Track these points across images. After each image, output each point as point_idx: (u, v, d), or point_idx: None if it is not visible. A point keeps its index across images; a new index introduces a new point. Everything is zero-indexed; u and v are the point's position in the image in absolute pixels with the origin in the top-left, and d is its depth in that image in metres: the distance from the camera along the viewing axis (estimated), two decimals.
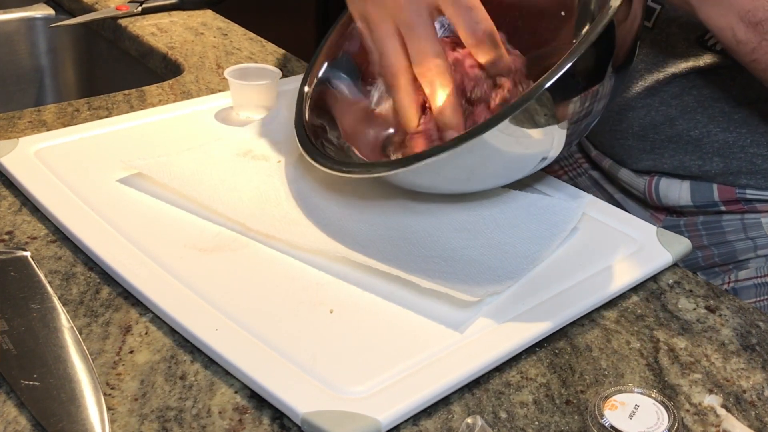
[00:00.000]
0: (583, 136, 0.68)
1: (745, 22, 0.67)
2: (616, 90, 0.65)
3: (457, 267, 0.63)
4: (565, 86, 0.59)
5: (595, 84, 0.62)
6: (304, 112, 0.73)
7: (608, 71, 0.62)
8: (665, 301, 0.64)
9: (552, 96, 0.58)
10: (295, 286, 0.61)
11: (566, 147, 0.65)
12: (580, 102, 0.61)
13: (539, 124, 0.60)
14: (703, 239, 0.87)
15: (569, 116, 0.61)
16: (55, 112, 0.88)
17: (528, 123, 0.59)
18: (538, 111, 0.59)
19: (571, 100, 0.60)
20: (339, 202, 0.71)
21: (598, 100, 0.63)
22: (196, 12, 1.23)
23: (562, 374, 0.56)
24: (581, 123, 0.64)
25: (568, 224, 0.69)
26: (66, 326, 0.57)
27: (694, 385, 0.56)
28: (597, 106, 0.63)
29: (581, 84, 0.60)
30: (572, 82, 0.59)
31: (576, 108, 0.61)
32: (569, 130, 0.63)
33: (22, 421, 0.50)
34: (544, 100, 0.58)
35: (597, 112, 0.64)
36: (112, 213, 0.68)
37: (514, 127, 0.58)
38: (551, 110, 0.59)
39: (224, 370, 0.55)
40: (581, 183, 0.97)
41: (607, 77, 0.62)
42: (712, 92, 0.81)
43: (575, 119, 0.62)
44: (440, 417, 0.52)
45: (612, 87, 0.64)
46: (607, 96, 0.64)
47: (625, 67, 0.65)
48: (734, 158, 0.83)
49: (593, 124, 0.67)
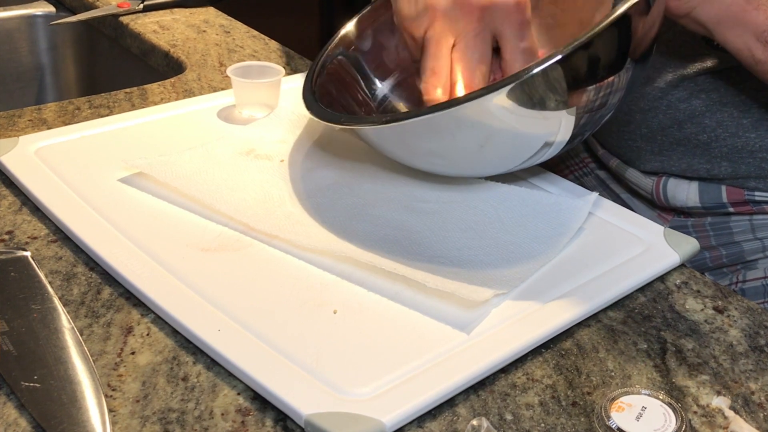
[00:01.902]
0: (595, 129, 0.68)
1: (762, 42, 0.68)
2: (632, 84, 0.65)
3: (462, 267, 0.62)
4: (573, 69, 0.59)
5: (610, 74, 0.61)
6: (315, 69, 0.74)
7: (626, 62, 0.62)
8: (673, 302, 0.64)
9: (560, 76, 0.58)
10: (298, 286, 0.61)
11: (576, 138, 0.64)
12: (594, 90, 0.61)
13: (547, 106, 0.60)
14: (711, 240, 0.86)
15: (579, 102, 0.61)
16: (55, 110, 0.88)
17: (534, 101, 0.59)
18: (546, 91, 0.58)
19: (582, 85, 0.60)
20: (343, 202, 0.70)
21: (613, 92, 0.63)
22: (199, 9, 1.22)
23: (569, 375, 0.56)
24: (594, 114, 0.63)
25: (574, 224, 0.68)
26: (67, 327, 0.56)
27: (701, 387, 0.56)
28: (612, 98, 0.63)
29: (592, 70, 0.60)
30: (582, 66, 0.59)
31: (589, 96, 0.61)
32: (579, 117, 0.62)
33: (23, 423, 0.50)
34: (550, 78, 0.57)
35: (611, 104, 0.64)
36: (114, 212, 0.67)
37: (514, 102, 0.58)
38: (561, 93, 0.59)
39: (227, 372, 0.54)
40: (587, 183, 0.97)
41: (624, 69, 0.62)
42: (721, 97, 0.81)
43: (586, 107, 0.62)
44: (445, 419, 0.52)
45: (628, 80, 0.63)
46: (622, 89, 0.63)
47: (642, 61, 0.65)
48: (743, 162, 0.83)
49: (606, 117, 0.66)
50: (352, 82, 0.77)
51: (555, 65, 0.57)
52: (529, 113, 0.60)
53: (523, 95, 0.58)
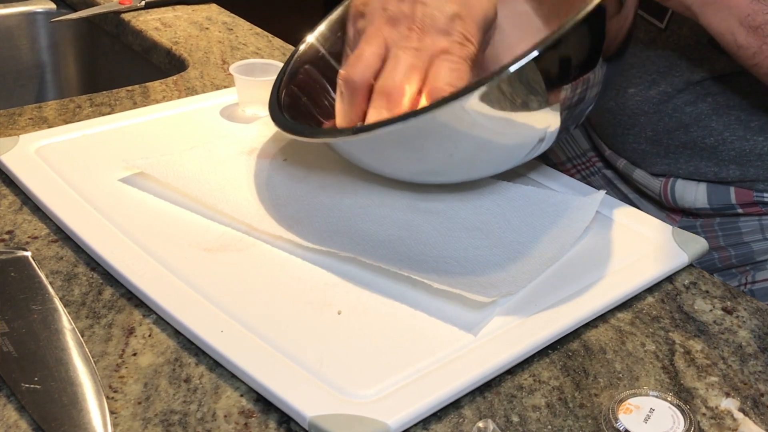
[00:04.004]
0: (578, 123, 0.67)
1: (745, 27, 0.68)
2: (608, 80, 0.65)
3: (469, 267, 0.62)
4: (547, 68, 0.58)
5: (585, 69, 0.61)
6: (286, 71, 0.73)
7: (598, 58, 0.62)
8: (681, 302, 0.63)
9: (536, 74, 0.57)
10: (302, 287, 0.60)
11: (561, 132, 0.64)
12: (570, 88, 0.61)
13: (529, 106, 0.59)
14: (720, 240, 0.86)
15: (560, 99, 0.61)
16: (56, 108, 0.87)
17: (508, 100, 0.58)
18: (520, 87, 0.58)
19: (559, 83, 0.60)
20: (347, 202, 0.70)
21: (590, 87, 0.62)
22: (201, 6, 1.22)
23: (576, 377, 0.55)
24: (573, 110, 0.63)
25: (581, 223, 0.68)
26: (68, 328, 0.56)
27: (710, 388, 0.55)
28: (589, 93, 0.63)
29: (566, 68, 0.60)
30: (556, 64, 0.59)
31: (566, 93, 0.61)
32: (562, 114, 0.62)
33: (23, 425, 0.49)
34: (525, 75, 0.57)
35: (590, 99, 0.64)
36: (115, 212, 0.67)
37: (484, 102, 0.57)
38: (539, 89, 0.59)
39: (230, 373, 0.54)
40: (594, 182, 0.97)
41: (598, 65, 0.62)
42: (728, 100, 0.81)
43: (566, 104, 0.61)
44: (451, 421, 0.52)
45: (603, 75, 0.63)
46: (598, 84, 0.63)
47: (617, 57, 0.65)
48: (751, 166, 0.82)
49: (587, 111, 0.66)
50: (320, 89, 0.76)
51: (531, 63, 0.57)
52: (504, 115, 0.59)
53: (500, 96, 0.58)
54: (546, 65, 0.58)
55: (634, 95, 0.85)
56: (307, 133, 0.66)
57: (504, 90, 0.57)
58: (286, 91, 0.73)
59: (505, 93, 0.57)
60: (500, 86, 0.57)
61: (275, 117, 0.69)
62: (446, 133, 0.60)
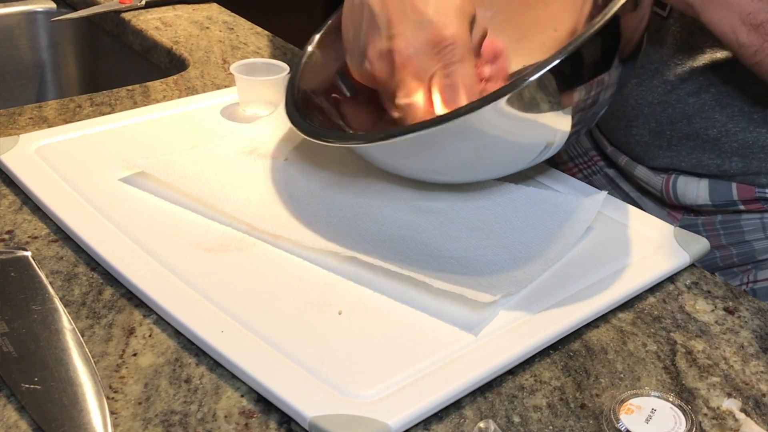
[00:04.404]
0: (590, 126, 0.67)
1: (747, 25, 0.68)
2: (623, 79, 0.64)
3: (470, 267, 0.62)
4: (566, 72, 0.58)
5: (601, 72, 0.61)
6: (298, 75, 0.72)
7: (614, 61, 0.61)
8: (682, 303, 0.63)
9: (554, 80, 0.57)
10: (303, 287, 0.60)
11: (572, 136, 0.64)
12: (585, 90, 0.60)
13: (541, 109, 0.59)
14: (722, 239, 0.86)
15: (573, 103, 0.60)
16: (56, 108, 0.87)
17: (529, 106, 0.58)
18: (540, 94, 0.58)
19: (575, 86, 0.59)
20: (348, 202, 0.70)
21: (605, 89, 0.62)
22: (202, 5, 1.22)
23: (577, 377, 0.55)
24: (586, 112, 0.63)
25: (583, 223, 0.68)
26: (68, 328, 0.56)
27: (712, 389, 0.55)
28: (603, 95, 0.63)
29: (584, 71, 0.60)
30: (575, 68, 0.59)
31: (581, 96, 0.60)
32: (574, 118, 0.62)
33: (23, 425, 0.49)
34: (545, 83, 0.57)
35: (604, 101, 0.64)
36: (115, 212, 0.67)
37: (509, 107, 0.57)
38: (554, 95, 0.59)
39: (230, 373, 0.54)
40: (596, 181, 0.96)
41: (613, 67, 0.62)
42: (731, 91, 0.80)
43: (580, 107, 0.61)
44: (452, 421, 0.51)
45: (618, 77, 0.63)
46: (613, 85, 0.63)
47: (633, 56, 0.64)
48: (754, 158, 0.82)
49: (600, 113, 0.66)
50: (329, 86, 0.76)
51: (548, 74, 0.56)
52: (525, 117, 0.59)
53: (520, 102, 0.58)
54: (564, 69, 0.57)
55: (637, 86, 0.85)
56: (335, 138, 0.65)
57: (526, 95, 0.57)
58: (298, 92, 0.72)
59: (525, 98, 0.57)
60: (527, 90, 0.57)
61: (297, 123, 0.67)
62: (473, 135, 0.60)
